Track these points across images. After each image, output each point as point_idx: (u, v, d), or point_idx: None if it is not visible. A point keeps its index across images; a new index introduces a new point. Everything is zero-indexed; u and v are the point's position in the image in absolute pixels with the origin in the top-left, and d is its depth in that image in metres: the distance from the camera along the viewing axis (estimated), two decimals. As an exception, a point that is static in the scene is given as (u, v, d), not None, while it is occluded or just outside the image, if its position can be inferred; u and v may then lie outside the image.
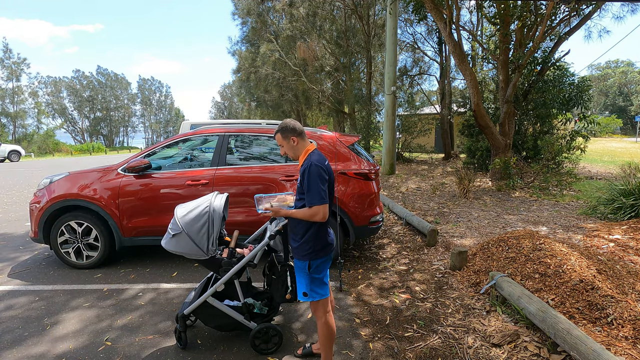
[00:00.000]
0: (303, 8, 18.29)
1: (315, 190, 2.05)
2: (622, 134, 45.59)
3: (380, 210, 4.23)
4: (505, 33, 9.00)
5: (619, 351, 2.28)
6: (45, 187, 4.21)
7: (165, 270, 4.11)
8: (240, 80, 27.19)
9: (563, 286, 2.90)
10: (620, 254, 3.87)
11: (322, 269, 2.19)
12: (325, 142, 4.16)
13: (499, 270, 3.41)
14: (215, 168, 4.11)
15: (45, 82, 57.32)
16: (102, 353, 2.57)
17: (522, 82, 10.22)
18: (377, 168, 4.36)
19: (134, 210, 4.05)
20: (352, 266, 4.21)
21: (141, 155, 4.24)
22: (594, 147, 20.61)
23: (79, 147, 42.08)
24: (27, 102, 50.04)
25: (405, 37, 18.31)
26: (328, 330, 2.20)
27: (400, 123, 16.61)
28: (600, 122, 21.12)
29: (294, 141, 2.20)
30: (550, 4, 8.04)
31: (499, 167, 8.73)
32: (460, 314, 3.02)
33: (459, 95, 18.54)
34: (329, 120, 28.97)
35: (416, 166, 14.79)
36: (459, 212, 6.47)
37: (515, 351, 2.48)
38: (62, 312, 3.16)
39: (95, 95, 62.25)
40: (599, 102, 57.16)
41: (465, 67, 8.65)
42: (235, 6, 22.94)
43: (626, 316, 2.54)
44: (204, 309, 2.56)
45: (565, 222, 5.53)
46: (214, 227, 2.48)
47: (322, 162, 2.14)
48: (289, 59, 18.81)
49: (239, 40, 25.15)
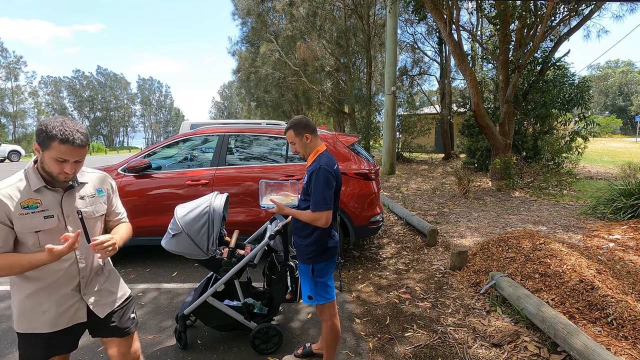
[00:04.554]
0: (303, 8, 18.28)
1: (321, 195, 2.00)
2: (622, 134, 45.58)
3: (380, 210, 4.23)
4: (505, 33, 9.00)
5: (619, 351, 2.28)
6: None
7: (165, 270, 4.11)
8: (240, 80, 27.21)
9: (563, 286, 2.90)
10: (620, 254, 3.87)
11: (325, 272, 2.17)
12: (325, 142, 4.16)
13: (499, 270, 3.41)
14: (215, 168, 4.11)
15: (45, 82, 57.37)
16: (102, 353, 2.57)
17: (522, 82, 10.22)
18: (377, 168, 4.36)
19: (134, 210, 4.04)
20: (352, 266, 4.21)
21: (141, 155, 4.24)
22: (594, 147, 20.61)
23: (79, 147, 41.96)
24: (26, 102, 50.08)
25: (405, 37, 18.33)
26: (334, 333, 2.19)
27: (400, 123, 16.60)
28: (600, 122, 21.12)
29: (307, 138, 2.14)
30: (550, 4, 8.04)
31: (499, 167, 8.73)
32: (460, 314, 3.02)
33: (459, 95, 18.54)
34: (329, 120, 28.99)
35: (416, 166, 14.79)
36: (459, 212, 6.47)
37: (515, 351, 2.48)
38: (62, 312, 3.16)
39: (95, 95, 62.30)
40: (599, 102, 57.16)
41: (465, 67, 8.65)
42: (235, 6, 22.95)
43: (626, 316, 2.54)
44: (204, 309, 2.56)
45: (565, 222, 5.53)
46: (214, 227, 2.48)
47: (332, 165, 2.08)
48: (289, 59, 18.80)
49: (239, 41, 25.17)
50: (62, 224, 1.46)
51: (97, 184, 1.62)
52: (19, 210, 1.37)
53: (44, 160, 1.37)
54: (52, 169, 1.37)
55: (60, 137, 1.31)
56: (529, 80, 10.19)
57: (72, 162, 1.37)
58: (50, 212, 1.42)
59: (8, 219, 1.36)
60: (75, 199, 1.50)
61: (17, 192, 1.38)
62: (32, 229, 1.39)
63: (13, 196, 1.37)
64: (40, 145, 1.35)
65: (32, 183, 1.40)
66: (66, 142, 1.32)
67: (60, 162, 1.35)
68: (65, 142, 1.32)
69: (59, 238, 1.39)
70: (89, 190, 1.57)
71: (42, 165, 1.40)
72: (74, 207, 1.49)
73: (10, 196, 1.37)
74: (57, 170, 1.37)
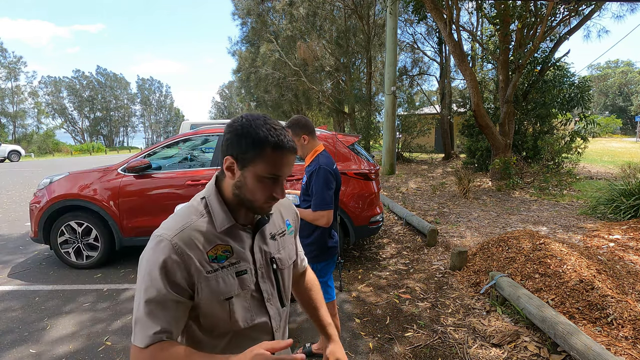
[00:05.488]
0: (303, 8, 18.27)
1: (321, 195, 2.01)
2: (622, 134, 45.58)
3: (380, 210, 4.23)
4: (505, 33, 9.00)
5: (619, 351, 2.28)
6: (45, 187, 4.21)
7: (165, 270, 4.11)
8: (240, 80, 27.20)
9: (563, 286, 2.90)
10: (620, 254, 3.87)
11: (325, 272, 2.18)
12: (325, 142, 4.15)
13: (499, 270, 3.41)
14: (216, 168, 4.11)
15: (45, 82, 57.36)
16: (102, 353, 2.57)
17: (522, 82, 10.22)
18: (377, 168, 4.36)
19: (134, 210, 4.05)
20: (352, 266, 4.21)
21: (141, 155, 4.24)
22: (594, 147, 20.61)
23: (79, 147, 42.08)
24: (26, 102, 50.09)
25: (405, 37, 18.32)
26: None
27: (400, 123, 16.60)
28: (600, 122, 21.11)
29: (304, 139, 2.13)
30: (550, 4, 8.05)
31: (499, 167, 8.73)
32: (460, 314, 3.02)
33: (459, 95, 18.55)
34: (329, 120, 28.97)
35: (416, 166, 14.79)
36: (459, 212, 6.47)
37: (515, 351, 2.48)
38: (62, 313, 3.16)
39: (95, 95, 62.25)
40: (599, 102, 57.17)
41: (465, 67, 8.65)
42: (235, 6, 22.93)
43: (626, 316, 2.54)
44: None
45: (565, 222, 5.53)
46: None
47: (331, 165, 2.09)
48: (289, 59, 18.80)
49: (239, 41, 25.13)
50: (253, 282, 0.95)
51: (285, 213, 1.10)
52: (207, 265, 0.86)
53: (245, 183, 0.87)
54: (258, 194, 0.88)
55: (273, 140, 0.84)
56: (529, 80, 10.19)
57: (283, 180, 0.91)
58: (242, 266, 0.92)
59: (188, 282, 0.84)
60: (266, 240, 0.99)
61: (200, 236, 0.87)
62: (225, 295, 0.89)
63: (198, 243, 0.86)
64: (238, 159, 0.86)
65: (219, 220, 0.90)
66: (281, 148, 0.85)
67: (270, 182, 0.88)
68: (280, 147, 0.85)
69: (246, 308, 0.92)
70: (278, 223, 1.05)
71: (237, 192, 0.89)
72: (267, 254, 0.98)
73: (194, 243, 0.85)
74: (267, 195, 0.89)
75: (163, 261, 0.81)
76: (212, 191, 0.92)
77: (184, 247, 0.83)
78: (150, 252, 0.83)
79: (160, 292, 0.80)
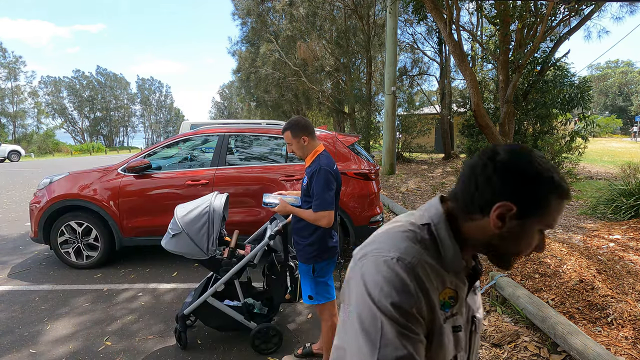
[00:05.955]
0: (303, 8, 18.27)
1: (322, 196, 2.01)
2: (622, 134, 45.59)
3: (380, 210, 4.23)
4: (505, 33, 8.99)
5: (619, 351, 2.28)
6: (45, 187, 4.21)
7: (165, 270, 4.11)
8: (240, 80, 27.21)
9: (563, 286, 2.90)
10: (620, 254, 3.87)
11: (326, 272, 2.18)
12: (325, 142, 4.15)
13: (498, 270, 3.41)
14: (215, 168, 4.11)
15: (45, 82, 57.35)
16: (102, 353, 2.57)
17: (522, 82, 10.21)
18: (377, 168, 4.36)
19: (134, 210, 4.05)
20: (352, 266, 4.20)
21: (141, 155, 4.24)
22: (594, 147, 20.61)
23: (79, 147, 42.09)
24: (26, 102, 50.08)
25: (405, 37, 18.32)
26: (334, 333, 2.18)
27: (400, 123, 16.60)
28: (600, 122, 21.12)
29: (304, 141, 2.12)
30: (550, 4, 8.04)
31: (499, 167, 8.71)
32: (460, 314, 3.02)
33: (459, 95, 18.54)
34: (329, 120, 28.96)
35: (416, 166, 14.79)
36: (459, 212, 6.46)
37: (515, 351, 2.47)
38: (62, 312, 3.16)
39: (95, 95, 62.25)
40: (599, 102, 57.17)
41: (465, 67, 8.64)
42: (235, 6, 22.95)
43: (626, 316, 2.54)
44: (204, 309, 2.56)
45: (565, 222, 5.53)
46: (214, 227, 2.48)
47: (331, 166, 2.09)
48: (289, 59, 18.80)
49: (239, 41, 25.13)
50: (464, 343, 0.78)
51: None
52: (440, 311, 0.69)
53: (515, 235, 0.69)
54: (523, 247, 0.71)
55: (560, 187, 0.66)
56: (529, 80, 10.18)
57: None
58: (458, 320, 0.75)
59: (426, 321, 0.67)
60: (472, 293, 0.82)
61: (432, 271, 0.69)
62: (447, 356, 0.72)
63: (432, 279, 0.69)
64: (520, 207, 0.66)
65: (449, 257, 0.71)
66: (567, 197, 0.67)
67: (541, 233, 0.71)
68: (567, 196, 0.67)
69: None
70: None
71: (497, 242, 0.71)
72: (470, 310, 0.81)
73: (429, 276, 0.68)
74: (531, 248, 0.72)
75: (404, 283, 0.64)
76: (441, 221, 0.72)
77: (423, 277, 0.66)
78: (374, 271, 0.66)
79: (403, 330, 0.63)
